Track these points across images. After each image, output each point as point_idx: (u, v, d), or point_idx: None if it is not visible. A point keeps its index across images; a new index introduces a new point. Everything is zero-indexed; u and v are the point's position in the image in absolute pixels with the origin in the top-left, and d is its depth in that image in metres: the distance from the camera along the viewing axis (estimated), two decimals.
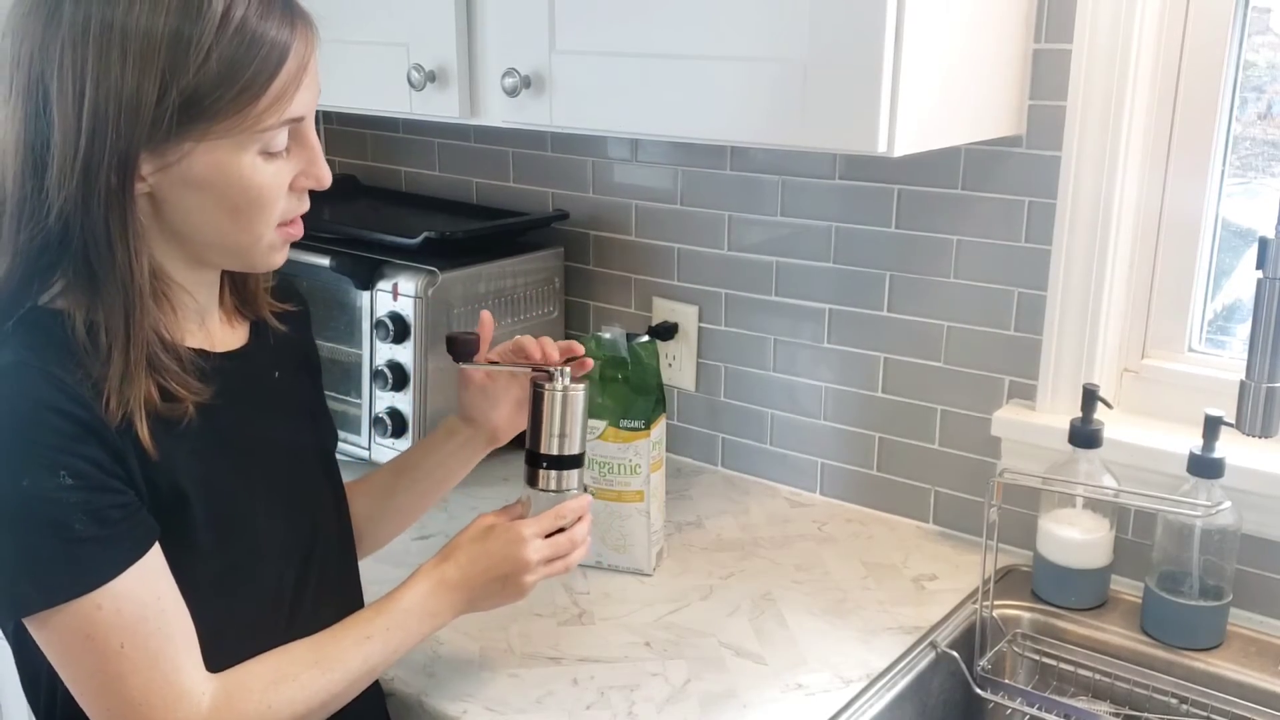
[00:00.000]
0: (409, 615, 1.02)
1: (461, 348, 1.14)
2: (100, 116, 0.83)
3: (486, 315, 1.18)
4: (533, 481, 1.11)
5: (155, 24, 0.83)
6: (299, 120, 0.91)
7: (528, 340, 1.15)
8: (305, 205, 0.96)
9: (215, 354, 0.98)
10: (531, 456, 1.11)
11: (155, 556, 0.88)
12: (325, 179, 0.95)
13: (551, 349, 1.14)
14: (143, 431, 0.87)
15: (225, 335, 1.02)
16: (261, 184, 0.90)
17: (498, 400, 1.18)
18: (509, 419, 1.20)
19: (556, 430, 1.10)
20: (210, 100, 0.85)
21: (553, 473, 1.10)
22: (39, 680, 0.95)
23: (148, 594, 0.87)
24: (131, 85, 0.83)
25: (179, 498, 0.91)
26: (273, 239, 0.94)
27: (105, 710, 0.88)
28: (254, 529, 0.98)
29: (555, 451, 1.10)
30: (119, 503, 0.86)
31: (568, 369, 1.12)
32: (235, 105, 0.86)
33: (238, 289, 1.05)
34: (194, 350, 0.95)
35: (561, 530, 1.10)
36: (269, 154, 0.90)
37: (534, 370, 1.13)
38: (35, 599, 0.84)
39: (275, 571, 1.00)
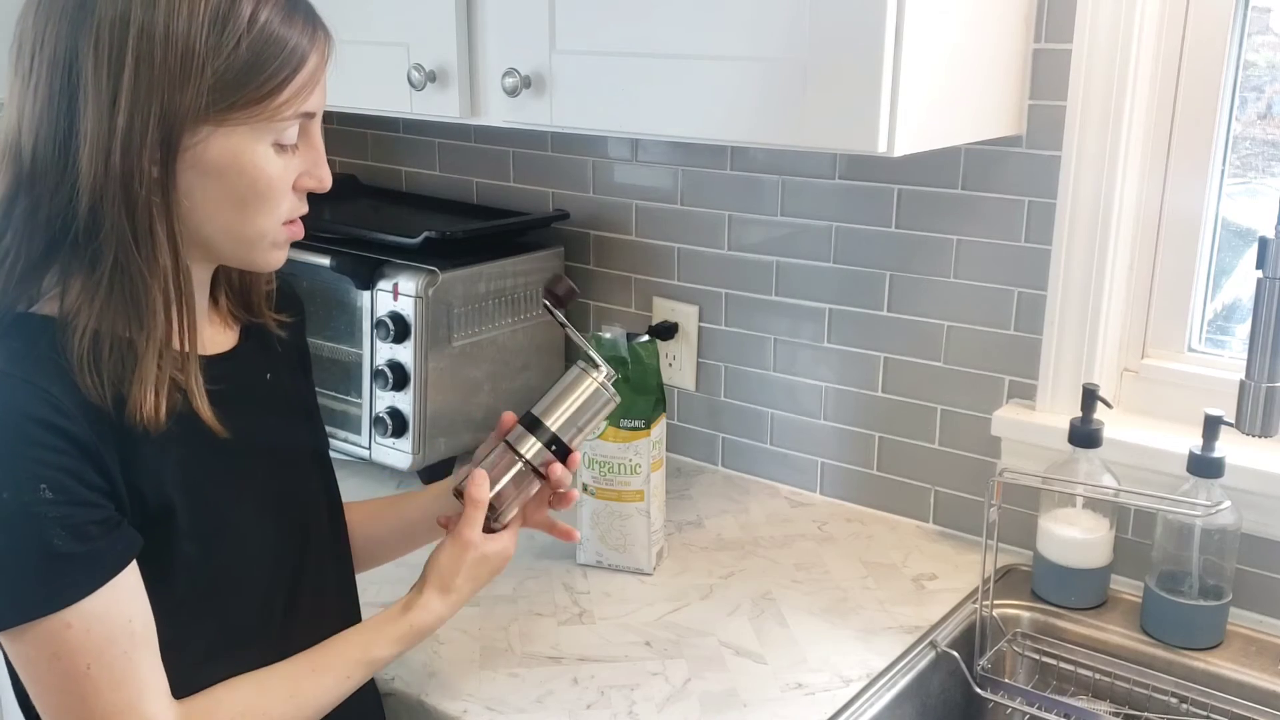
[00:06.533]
0: (396, 645, 1.03)
1: (566, 292, 1.14)
2: (139, 99, 0.84)
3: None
4: (518, 443, 1.10)
5: (191, 27, 0.85)
6: (311, 116, 0.94)
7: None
8: (305, 207, 0.98)
9: (205, 357, 0.97)
10: (532, 420, 1.10)
11: (131, 575, 0.87)
12: (327, 181, 0.97)
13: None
14: (146, 448, 0.87)
15: (216, 337, 1.01)
16: (271, 175, 0.92)
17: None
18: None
19: (569, 412, 1.11)
20: (236, 86, 0.87)
21: (539, 446, 1.10)
22: None
23: (119, 615, 0.86)
24: (168, 75, 0.85)
25: (165, 508, 0.90)
26: (276, 236, 0.96)
27: None
28: (242, 535, 0.97)
29: (555, 429, 1.10)
30: (98, 518, 0.85)
31: (611, 371, 1.13)
32: (258, 94, 0.88)
33: (237, 291, 1.05)
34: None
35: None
36: (280, 146, 0.92)
37: (583, 356, 1.13)
38: (7, 613, 0.84)
39: (266, 579, 0.99)
